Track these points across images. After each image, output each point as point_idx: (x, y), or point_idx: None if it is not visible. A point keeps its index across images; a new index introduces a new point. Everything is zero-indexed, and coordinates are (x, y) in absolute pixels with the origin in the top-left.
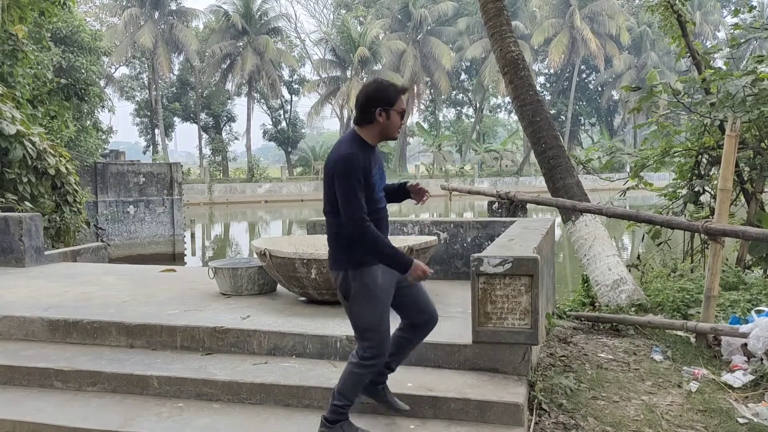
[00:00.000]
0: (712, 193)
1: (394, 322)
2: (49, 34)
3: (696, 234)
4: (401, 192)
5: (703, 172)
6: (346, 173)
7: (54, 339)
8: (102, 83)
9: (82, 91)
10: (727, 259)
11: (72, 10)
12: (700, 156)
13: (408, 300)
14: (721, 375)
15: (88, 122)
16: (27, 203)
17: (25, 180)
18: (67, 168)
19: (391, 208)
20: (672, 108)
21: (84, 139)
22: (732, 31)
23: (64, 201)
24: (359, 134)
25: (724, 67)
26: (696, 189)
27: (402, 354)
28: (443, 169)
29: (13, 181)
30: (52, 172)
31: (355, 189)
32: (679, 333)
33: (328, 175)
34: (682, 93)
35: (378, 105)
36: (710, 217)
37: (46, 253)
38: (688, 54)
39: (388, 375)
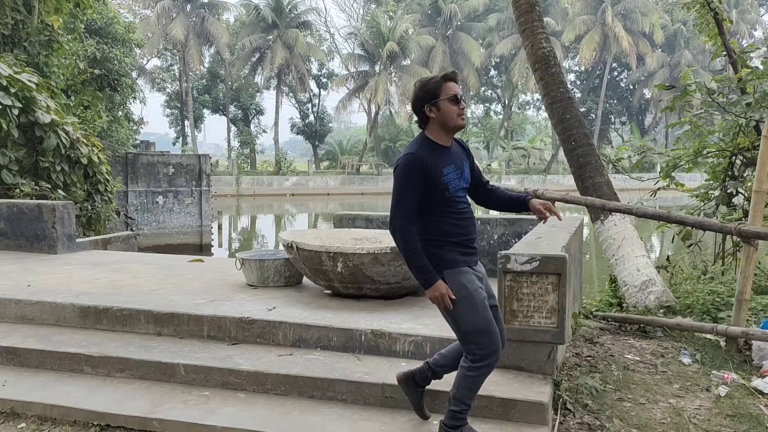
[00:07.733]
0: (746, 195)
1: None
2: (84, 26)
3: (728, 236)
4: (520, 203)
5: (737, 174)
6: (400, 174)
7: (84, 325)
8: (134, 74)
9: (115, 82)
10: (759, 263)
11: (107, 2)
12: (734, 157)
13: None
14: (752, 380)
15: (120, 113)
16: (60, 191)
17: (58, 168)
18: (99, 157)
19: None
20: (706, 107)
21: (116, 129)
22: None
23: (95, 190)
24: (426, 135)
25: (761, 67)
26: (729, 190)
27: (453, 366)
28: None
29: (47, 169)
30: (84, 161)
31: (404, 190)
32: (709, 336)
33: None
34: (717, 92)
35: (424, 102)
36: (743, 219)
37: (78, 240)
38: (724, 53)
39: (432, 381)
